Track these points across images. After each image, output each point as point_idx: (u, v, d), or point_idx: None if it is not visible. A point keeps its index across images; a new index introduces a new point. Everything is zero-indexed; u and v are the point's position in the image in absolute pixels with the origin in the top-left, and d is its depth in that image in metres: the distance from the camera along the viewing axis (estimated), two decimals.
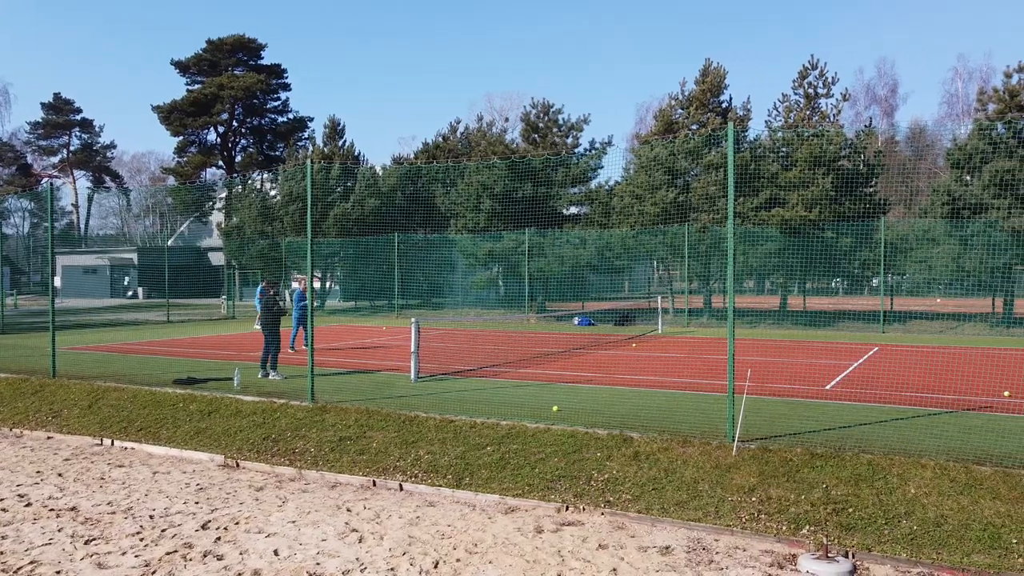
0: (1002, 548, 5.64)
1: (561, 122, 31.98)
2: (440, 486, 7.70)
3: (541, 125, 32.04)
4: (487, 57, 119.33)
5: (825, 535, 6.02)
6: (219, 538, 6.42)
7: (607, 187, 30.99)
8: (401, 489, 7.81)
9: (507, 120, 40.24)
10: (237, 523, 6.80)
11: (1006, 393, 11.42)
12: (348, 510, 7.16)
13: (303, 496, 7.64)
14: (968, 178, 24.59)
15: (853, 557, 5.70)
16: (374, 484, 7.96)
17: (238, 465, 8.83)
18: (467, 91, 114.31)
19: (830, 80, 27.54)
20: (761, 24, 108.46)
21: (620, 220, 28.69)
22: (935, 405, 10.52)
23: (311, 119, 57.68)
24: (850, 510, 6.40)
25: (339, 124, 39.27)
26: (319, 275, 38.68)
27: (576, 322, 27.33)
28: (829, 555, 5.62)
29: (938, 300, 33.27)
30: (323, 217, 34.85)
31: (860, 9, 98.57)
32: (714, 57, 66.11)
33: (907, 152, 56.56)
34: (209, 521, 6.86)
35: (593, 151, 31.55)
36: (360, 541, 6.33)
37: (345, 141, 39.36)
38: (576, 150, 31.56)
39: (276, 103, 56.49)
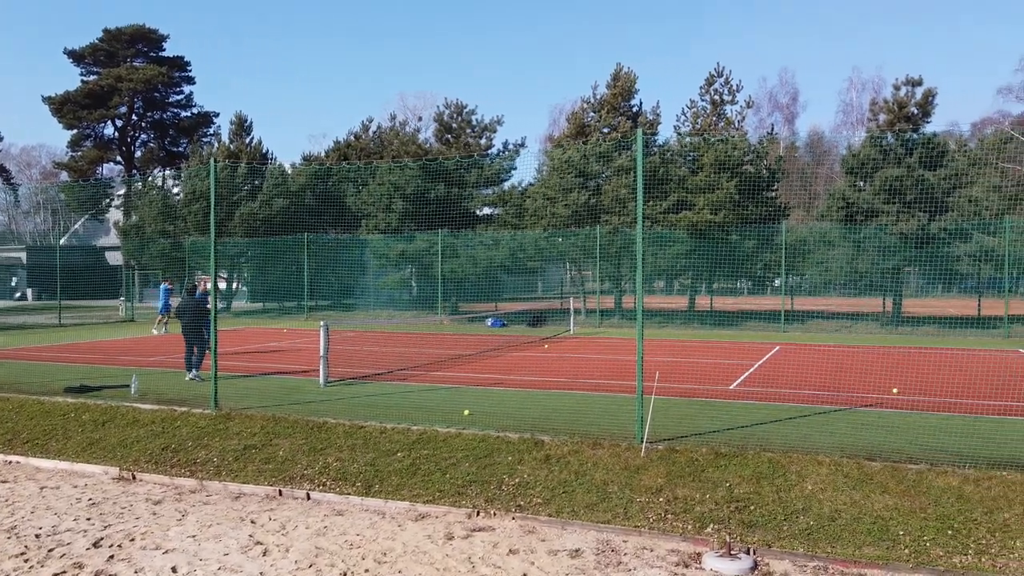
0: (890, 540, 5.92)
1: (475, 123, 31.98)
2: (349, 494, 7.53)
3: (455, 125, 31.95)
4: (401, 55, 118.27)
5: (728, 533, 6.19)
6: (112, 556, 6.09)
7: (520, 188, 31.17)
8: (308, 498, 7.61)
9: (420, 120, 40.08)
10: (132, 539, 6.48)
11: (895, 390, 12.04)
12: (252, 522, 6.92)
13: (205, 508, 7.34)
14: (861, 184, 25.89)
15: (754, 553, 5.87)
16: (280, 494, 7.73)
17: (134, 478, 8.42)
18: (380, 89, 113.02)
19: (735, 87, 28.50)
20: (670, 31, 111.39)
21: (533, 221, 28.90)
22: (831, 403, 10.99)
23: (217, 114, 55.78)
24: (752, 507, 6.60)
25: (246, 120, 38.11)
26: (225, 276, 37.44)
27: (489, 323, 27.36)
28: (732, 552, 5.77)
29: (834, 300, 34.87)
30: (229, 216, 33.76)
31: (763, 20, 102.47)
32: (626, 62, 67.42)
33: (806, 158, 59.11)
34: (102, 538, 6.50)
35: (506, 152, 31.67)
36: (265, 554, 6.13)
37: (252, 138, 38.22)
38: (489, 151, 31.62)
39: (179, 97, 54.41)
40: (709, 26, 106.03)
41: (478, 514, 6.96)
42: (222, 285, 37.59)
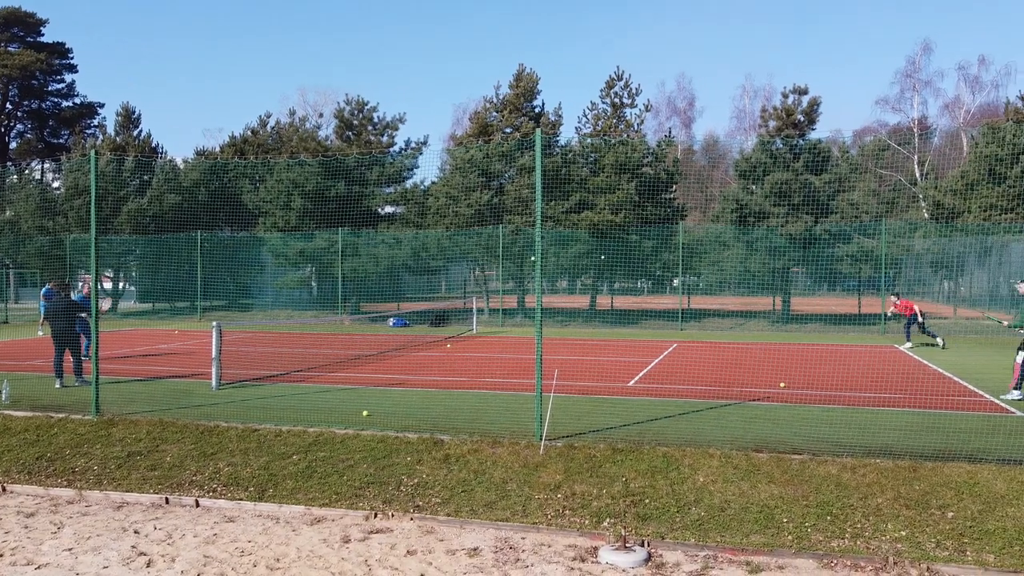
0: (775, 527, 6.17)
1: (376, 120, 31.55)
2: (241, 500, 7.27)
3: (356, 122, 31.43)
4: (301, 49, 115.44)
5: (624, 526, 6.31)
6: None
7: (423, 187, 30.97)
8: (197, 505, 7.30)
9: (321, 116, 39.15)
10: (1, 555, 6.05)
11: (782, 384, 12.60)
12: (136, 532, 6.58)
13: (83, 520, 6.94)
14: (753, 187, 27.00)
15: (648, 546, 6.01)
16: (167, 502, 7.38)
17: (4, 490, 7.87)
18: (279, 84, 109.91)
19: (634, 91, 29.20)
20: (572, 33, 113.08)
21: (436, 220, 28.77)
22: (723, 398, 11.39)
23: (102, 105, 52.94)
24: (647, 501, 6.75)
25: (134, 112, 36.39)
26: (110, 275, 35.59)
27: (391, 323, 27.06)
28: (627, 545, 5.89)
29: (728, 299, 36.24)
30: (115, 212, 32.10)
31: (661, 25, 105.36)
32: (528, 63, 68.07)
33: (702, 162, 61.13)
34: None
35: (409, 150, 31.40)
36: (148, 565, 5.84)
37: (141, 131, 36.56)
38: (391, 149, 31.27)
39: (59, 85, 51.41)
40: (610, 31, 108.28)
41: (376, 516, 6.85)
42: (107, 285, 35.74)
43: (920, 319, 19.41)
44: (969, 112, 47.73)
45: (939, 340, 19.36)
